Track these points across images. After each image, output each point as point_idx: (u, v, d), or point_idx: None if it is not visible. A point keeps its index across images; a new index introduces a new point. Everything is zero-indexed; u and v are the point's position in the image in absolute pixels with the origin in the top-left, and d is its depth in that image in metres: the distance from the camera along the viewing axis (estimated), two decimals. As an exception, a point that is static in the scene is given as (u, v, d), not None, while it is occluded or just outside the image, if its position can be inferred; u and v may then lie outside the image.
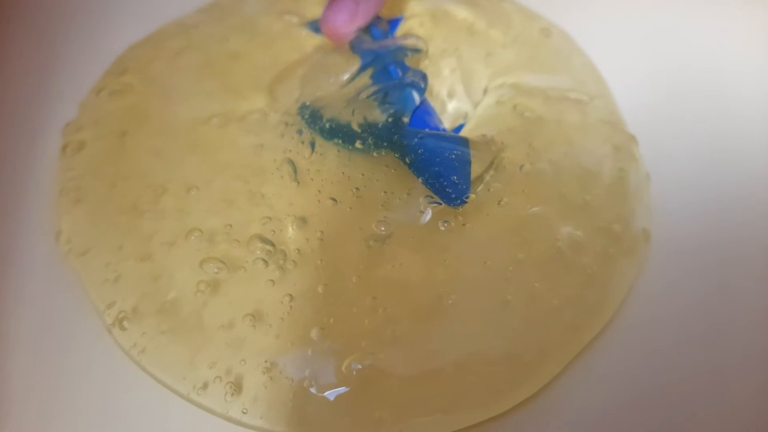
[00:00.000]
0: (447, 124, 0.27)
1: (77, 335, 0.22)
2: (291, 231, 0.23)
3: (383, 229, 0.23)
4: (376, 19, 0.28)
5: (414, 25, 0.30)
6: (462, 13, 0.31)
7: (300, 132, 0.26)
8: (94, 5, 0.31)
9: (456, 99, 0.28)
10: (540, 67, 0.29)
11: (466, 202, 0.23)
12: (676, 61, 0.30)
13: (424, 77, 0.26)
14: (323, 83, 0.27)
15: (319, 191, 0.24)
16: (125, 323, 0.21)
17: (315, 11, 0.30)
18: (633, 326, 0.23)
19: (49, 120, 0.27)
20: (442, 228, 0.23)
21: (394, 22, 0.30)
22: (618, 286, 0.23)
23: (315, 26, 0.30)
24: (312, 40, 0.29)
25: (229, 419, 0.21)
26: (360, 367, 0.21)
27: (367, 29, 0.28)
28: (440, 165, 0.23)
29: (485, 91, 0.28)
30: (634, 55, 0.30)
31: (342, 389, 0.20)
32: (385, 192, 0.23)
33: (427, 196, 0.23)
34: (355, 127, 0.25)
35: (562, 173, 0.25)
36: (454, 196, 0.23)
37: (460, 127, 0.27)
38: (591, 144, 0.26)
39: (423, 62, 0.28)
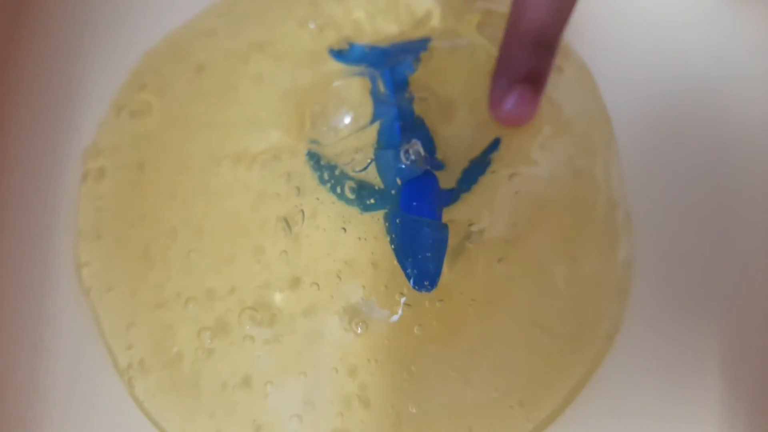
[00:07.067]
0: (444, 182, 0.27)
1: (87, 373, 0.25)
2: (277, 305, 0.25)
3: (359, 330, 0.24)
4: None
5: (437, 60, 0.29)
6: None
7: (298, 192, 0.26)
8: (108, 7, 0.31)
9: (456, 161, 0.27)
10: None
11: (431, 290, 0.24)
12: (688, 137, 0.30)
13: (417, 151, 0.26)
14: (332, 122, 0.28)
15: (306, 265, 0.25)
16: (134, 382, 0.25)
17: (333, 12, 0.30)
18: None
19: (67, 133, 0.29)
20: (416, 332, 0.24)
21: (421, 43, 0.30)
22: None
23: (338, 54, 0.29)
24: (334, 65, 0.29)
25: None
26: None
27: (384, 82, 0.28)
28: (414, 252, 0.24)
29: (484, 151, 0.27)
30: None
31: None
32: (364, 287, 0.25)
33: (401, 293, 0.25)
34: (349, 193, 0.26)
35: (541, 274, 0.26)
36: (426, 283, 0.24)
37: (451, 191, 0.27)
38: (583, 230, 0.27)
39: (432, 109, 0.28)
